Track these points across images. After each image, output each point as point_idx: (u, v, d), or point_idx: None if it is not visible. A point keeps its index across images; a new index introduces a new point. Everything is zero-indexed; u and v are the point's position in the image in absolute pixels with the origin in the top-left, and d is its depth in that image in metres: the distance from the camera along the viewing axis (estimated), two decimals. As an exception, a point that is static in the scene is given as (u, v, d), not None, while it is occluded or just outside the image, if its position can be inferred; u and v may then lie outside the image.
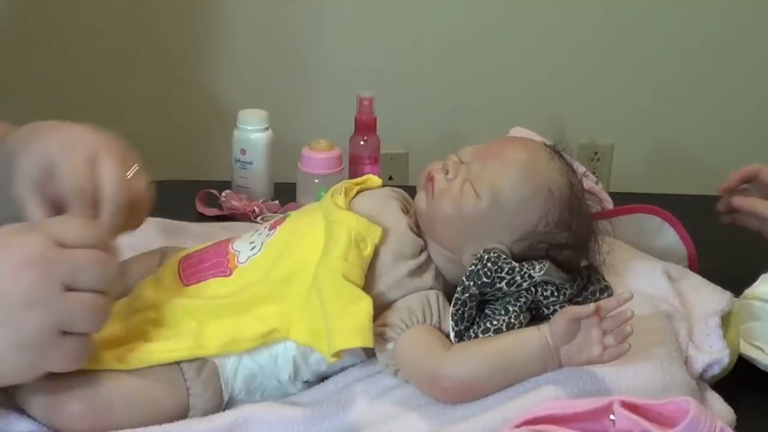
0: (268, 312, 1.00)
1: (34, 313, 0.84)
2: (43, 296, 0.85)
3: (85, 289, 0.86)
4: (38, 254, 0.85)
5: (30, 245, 0.86)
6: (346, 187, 1.08)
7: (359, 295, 0.97)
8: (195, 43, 2.09)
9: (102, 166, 0.96)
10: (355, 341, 0.95)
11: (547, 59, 2.14)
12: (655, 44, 2.15)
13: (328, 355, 0.95)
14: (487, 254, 1.00)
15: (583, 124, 2.16)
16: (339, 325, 0.95)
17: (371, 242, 1.00)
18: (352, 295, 0.97)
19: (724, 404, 1.04)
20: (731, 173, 1.39)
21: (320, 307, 0.97)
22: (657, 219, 1.30)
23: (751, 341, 1.15)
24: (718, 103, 2.19)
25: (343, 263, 0.98)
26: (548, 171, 1.04)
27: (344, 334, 0.95)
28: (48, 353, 0.87)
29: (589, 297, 1.05)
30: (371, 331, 0.95)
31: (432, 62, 2.13)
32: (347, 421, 0.97)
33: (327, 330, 0.96)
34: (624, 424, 0.86)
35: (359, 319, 0.95)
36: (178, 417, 0.97)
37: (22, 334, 0.85)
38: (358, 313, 0.96)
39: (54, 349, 0.86)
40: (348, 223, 1.01)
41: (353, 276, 0.98)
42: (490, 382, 0.96)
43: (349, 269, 0.98)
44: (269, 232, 1.06)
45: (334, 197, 1.05)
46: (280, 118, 1.61)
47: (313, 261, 1.00)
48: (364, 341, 0.95)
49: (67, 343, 0.87)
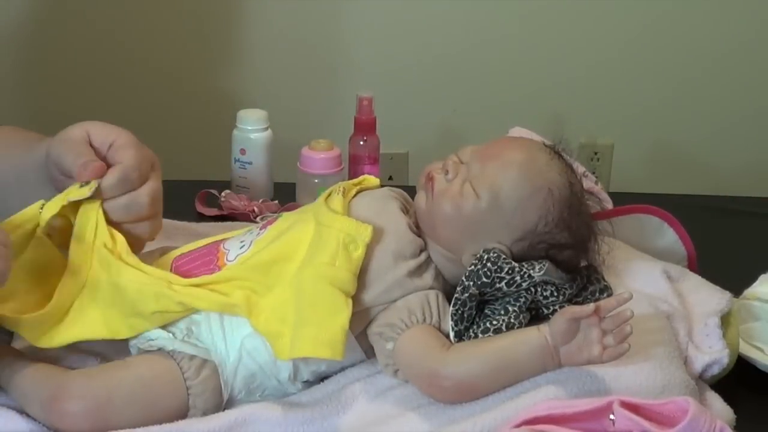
0: (234, 290, 1.00)
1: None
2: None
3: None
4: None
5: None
6: (344, 187, 1.08)
7: (339, 307, 0.97)
8: (195, 43, 2.09)
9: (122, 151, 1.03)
10: (324, 353, 0.95)
11: (547, 59, 2.14)
12: (655, 44, 2.15)
13: (281, 355, 0.96)
14: (487, 254, 1.00)
15: (582, 124, 2.16)
16: (311, 333, 0.95)
17: (362, 243, 1.00)
18: (331, 307, 0.97)
19: (724, 404, 1.04)
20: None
21: (295, 309, 0.97)
22: (657, 219, 1.30)
23: (750, 341, 1.15)
24: (717, 103, 2.19)
25: (329, 269, 0.98)
26: (548, 171, 1.04)
27: (313, 343, 0.95)
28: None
29: (589, 297, 1.05)
30: (342, 345, 0.96)
31: (432, 62, 2.13)
32: (347, 421, 0.97)
33: (296, 333, 0.96)
34: (624, 424, 0.86)
35: (333, 333, 0.96)
36: (178, 417, 0.97)
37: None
38: (334, 326, 0.96)
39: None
40: (337, 227, 1.01)
41: (341, 281, 0.98)
42: (489, 381, 0.96)
43: (336, 275, 0.98)
44: (260, 231, 1.06)
45: (330, 198, 1.05)
46: (280, 118, 1.61)
47: (295, 257, 1.01)
48: (333, 355, 0.95)
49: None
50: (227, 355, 0.99)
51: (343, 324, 0.96)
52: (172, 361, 0.98)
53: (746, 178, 2.17)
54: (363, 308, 1.00)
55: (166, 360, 0.98)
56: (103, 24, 2.04)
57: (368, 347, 1.02)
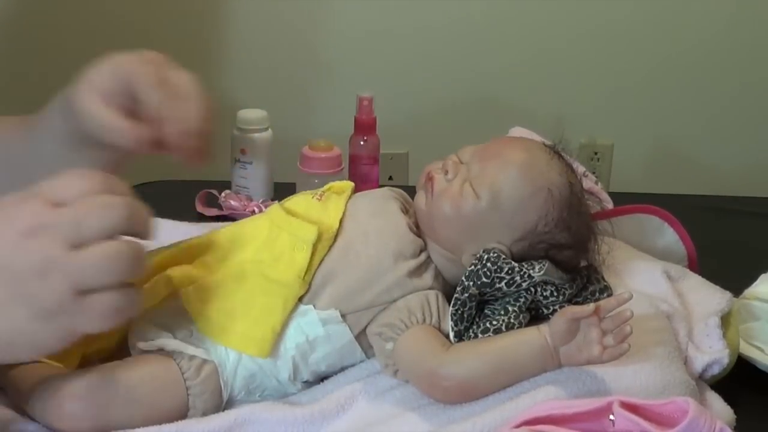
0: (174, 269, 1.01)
1: (47, 280, 0.81)
2: (51, 261, 0.81)
3: (94, 240, 0.81)
4: (37, 221, 0.81)
5: (28, 214, 0.82)
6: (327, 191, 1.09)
7: (274, 308, 0.99)
8: (195, 43, 2.09)
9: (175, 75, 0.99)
10: (251, 350, 0.98)
11: (547, 59, 2.15)
12: (655, 44, 2.15)
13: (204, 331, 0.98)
14: (487, 254, 1.00)
15: (583, 124, 2.17)
16: (241, 328, 0.98)
17: (307, 244, 1.01)
18: (266, 307, 0.99)
19: (724, 404, 1.04)
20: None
21: (230, 298, 0.99)
22: (657, 219, 1.30)
23: (750, 341, 1.15)
24: (717, 103, 2.19)
25: (272, 269, 1.00)
26: (548, 171, 1.04)
27: (243, 338, 0.98)
28: (75, 317, 0.82)
29: (589, 297, 1.05)
30: (270, 345, 0.98)
31: (432, 62, 2.13)
32: (347, 421, 0.97)
33: (226, 323, 0.98)
34: (623, 424, 0.85)
35: (263, 332, 0.98)
36: (178, 417, 0.97)
37: (41, 304, 0.81)
38: (265, 326, 0.98)
39: (80, 311, 0.82)
40: (285, 228, 1.02)
41: (281, 283, 0.99)
42: (489, 382, 0.96)
43: (278, 276, 0.99)
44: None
45: (291, 200, 1.08)
46: (280, 118, 1.62)
47: (246, 249, 1.02)
48: (260, 353, 0.98)
49: (94, 302, 0.82)
50: (227, 355, 0.99)
51: (274, 325, 0.98)
52: (172, 361, 0.98)
53: (746, 178, 2.18)
54: (363, 308, 1.00)
55: (165, 360, 0.98)
56: (104, 22, 2.04)
57: (368, 347, 1.02)
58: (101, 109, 0.98)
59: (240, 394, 1.01)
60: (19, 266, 0.81)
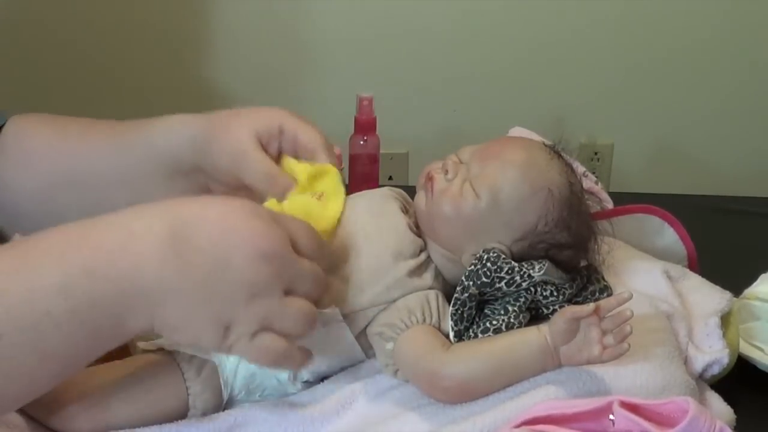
0: None
1: (251, 307, 0.83)
2: (266, 294, 0.83)
3: (299, 296, 0.86)
4: (279, 252, 0.84)
5: (273, 239, 0.84)
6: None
7: None
8: (195, 42, 2.09)
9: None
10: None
11: (547, 59, 2.15)
12: (655, 44, 2.15)
13: None
14: (487, 254, 1.00)
15: (583, 124, 2.17)
16: None
17: None
18: None
19: (724, 404, 1.04)
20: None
21: None
22: (657, 219, 1.30)
23: (750, 341, 1.15)
24: (717, 103, 2.19)
25: None
26: (548, 171, 1.04)
27: None
28: (242, 345, 0.84)
29: (589, 297, 1.05)
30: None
31: (432, 62, 2.13)
32: (347, 421, 0.97)
33: None
34: (623, 424, 0.85)
35: None
36: (178, 417, 0.97)
37: (229, 319, 0.83)
38: None
39: (250, 345, 0.84)
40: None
41: None
42: (489, 381, 0.96)
43: None
44: None
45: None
46: (280, 118, 1.61)
47: None
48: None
49: (266, 341, 0.85)
50: (227, 355, 0.99)
51: None
52: (172, 361, 0.98)
53: (746, 178, 2.18)
54: (363, 308, 1.00)
55: (166, 360, 0.98)
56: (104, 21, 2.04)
57: (368, 347, 1.02)
58: (262, 155, 1.02)
59: (240, 394, 1.01)
60: (241, 278, 0.82)
